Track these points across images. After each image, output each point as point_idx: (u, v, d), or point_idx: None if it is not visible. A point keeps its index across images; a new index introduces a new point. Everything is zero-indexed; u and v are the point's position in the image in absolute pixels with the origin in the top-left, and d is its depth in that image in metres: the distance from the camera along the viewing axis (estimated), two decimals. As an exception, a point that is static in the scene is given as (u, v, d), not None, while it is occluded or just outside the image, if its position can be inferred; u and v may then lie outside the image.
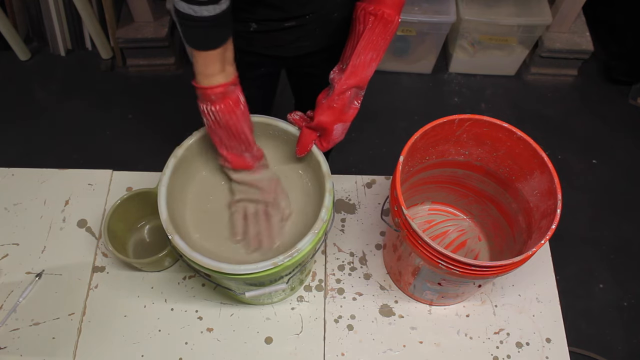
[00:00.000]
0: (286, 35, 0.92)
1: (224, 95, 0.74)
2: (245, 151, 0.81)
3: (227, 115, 0.76)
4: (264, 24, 0.89)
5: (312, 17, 0.89)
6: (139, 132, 1.99)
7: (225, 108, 0.75)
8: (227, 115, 0.76)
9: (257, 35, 0.91)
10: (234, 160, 0.81)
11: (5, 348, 0.93)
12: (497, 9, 1.97)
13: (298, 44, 0.95)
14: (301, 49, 0.97)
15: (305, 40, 0.94)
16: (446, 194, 1.05)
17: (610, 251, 1.78)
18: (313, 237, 0.75)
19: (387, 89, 2.14)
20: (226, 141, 0.79)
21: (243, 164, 0.82)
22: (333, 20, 0.91)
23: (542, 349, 0.95)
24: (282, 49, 0.96)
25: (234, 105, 0.76)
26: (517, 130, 0.83)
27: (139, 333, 0.94)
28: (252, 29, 0.90)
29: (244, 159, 0.82)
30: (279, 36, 0.92)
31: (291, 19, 0.88)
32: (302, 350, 0.93)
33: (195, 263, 0.74)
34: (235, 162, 0.82)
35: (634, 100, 2.13)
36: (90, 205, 1.07)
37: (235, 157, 0.81)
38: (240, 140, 0.79)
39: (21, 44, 2.12)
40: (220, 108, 0.75)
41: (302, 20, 0.89)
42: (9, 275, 1.00)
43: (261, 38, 0.92)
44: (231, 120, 0.76)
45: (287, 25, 0.89)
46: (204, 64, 0.73)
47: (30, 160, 1.90)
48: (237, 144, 0.80)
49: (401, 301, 0.99)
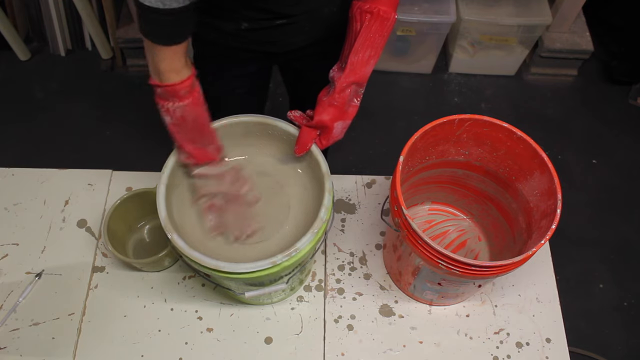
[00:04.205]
0: (277, 32, 0.92)
1: (191, 88, 0.73)
2: (209, 144, 0.81)
3: (195, 108, 0.75)
4: (255, 22, 0.89)
5: (304, 14, 0.89)
6: (139, 132, 1.99)
7: (193, 101, 0.74)
8: (195, 109, 0.75)
9: (248, 33, 0.92)
10: (199, 154, 0.80)
11: (5, 348, 0.93)
12: (497, 9, 1.97)
13: (289, 40, 0.96)
14: (292, 44, 0.97)
15: (296, 36, 0.95)
16: (446, 194, 1.05)
17: (610, 251, 1.78)
18: (312, 236, 0.75)
19: (387, 89, 2.14)
20: (192, 136, 0.78)
21: (208, 157, 0.81)
22: (323, 15, 0.92)
23: (542, 349, 0.94)
24: (274, 45, 0.97)
25: (199, 97, 0.75)
26: (517, 130, 0.83)
27: (139, 333, 0.94)
28: (244, 27, 0.90)
29: (207, 152, 0.81)
30: (270, 33, 0.92)
31: (282, 17, 0.88)
32: (302, 350, 0.93)
33: (194, 262, 0.74)
34: (200, 156, 0.81)
35: (634, 100, 2.13)
36: (90, 205, 1.07)
37: (200, 152, 0.80)
38: (205, 132, 0.79)
39: (21, 44, 2.12)
40: (189, 102, 0.74)
41: (293, 18, 0.89)
42: (9, 275, 1.00)
43: (252, 36, 0.93)
44: (198, 114, 0.76)
45: (278, 22, 0.89)
46: (171, 58, 0.70)
47: (30, 160, 1.90)
48: (201, 137, 0.79)
49: (401, 301, 0.99)
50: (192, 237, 0.82)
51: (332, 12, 0.92)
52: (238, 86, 1.10)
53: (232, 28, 0.91)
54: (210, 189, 0.83)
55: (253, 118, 0.86)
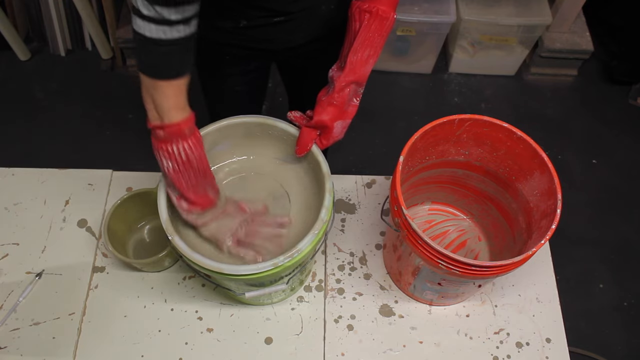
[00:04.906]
0: (275, 30, 0.92)
1: (193, 129, 0.70)
2: (208, 185, 0.76)
3: (198, 149, 0.71)
4: (254, 20, 0.89)
5: (302, 12, 0.90)
6: (139, 132, 1.99)
7: (196, 141, 0.70)
8: (198, 149, 0.71)
9: (247, 31, 0.92)
10: (202, 201, 0.76)
11: (5, 348, 0.93)
12: (497, 9, 1.97)
13: (287, 37, 0.96)
14: (290, 42, 0.97)
15: (294, 34, 0.95)
16: (446, 194, 1.05)
17: (610, 251, 1.78)
18: (313, 237, 0.75)
19: (387, 89, 2.14)
20: (195, 181, 0.73)
21: (209, 202, 0.78)
22: (320, 13, 0.92)
23: (542, 349, 0.95)
24: (272, 42, 0.97)
25: (200, 137, 0.72)
26: (517, 130, 0.83)
27: (139, 333, 0.94)
28: (242, 25, 0.90)
29: (208, 196, 0.78)
30: (269, 31, 0.92)
31: (281, 14, 0.89)
32: (302, 350, 0.93)
33: (195, 264, 0.74)
34: (203, 202, 0.77)
35: (634, 100, 2.13)
36: (90, 205, 1.07)
37: (202, 198, 0.76)
38: (206, 174, 0.75)
39: (21, 44, 2.12)
40: (193, 142, 0.70)
41: (291, 15, 0.89)
42: (9, 275, 1.00)
43: (251, 33, 0.93)
44: (201, 154, 0.72)
45: (277, 20, 0.90)
46: (175, 95, 0.67)
47: (30, 160, 1.90)
48: (203, 179, 0.75)
49: (401, 301, 0.99)
50: (192, 238, 0.82)
51: (329, 10, 0.92)
52: (235, 84, 1.10)
53: (231, 26, 0.91)
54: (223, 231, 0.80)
55: (253, 119, 0.86)
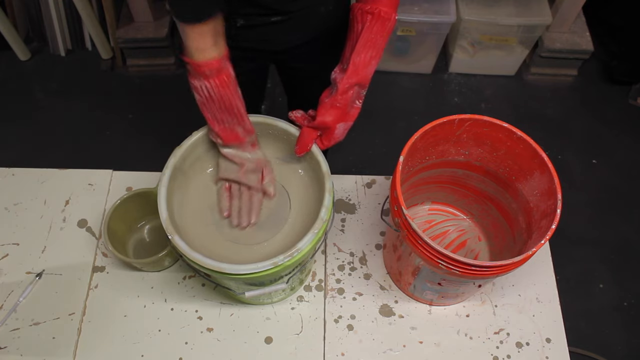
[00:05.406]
0: (273, 30, 0.93)
1: (218, 70, 0.73)
2: (237, 125, 0.80)
3: (221, 90, 0.74)
4: (251, 18, 0.89)
5: (300, 12, 0.90)
6: (139, 132, 1.99)
7: (220, 83, 0.74)
8: (222, 91, 0.74)
9: (244, 31, 0.92)
10: (225, 135, 0.80)
11: (5, 348, 0.93)
12: (497, 9, 1.97)
13: (285, 37, 0.96)
14: (288, 42, 0.97)
15: (291, 34, 0.95)
16: (446, 194, 1.05)
17: (610, 251, 1.78)
18: (313, 236, 0.75)
19: (387, 89, 2.14)
20: (218, 116, 0.78)
21: (234, 138, 0.81)
22: (318, 13, 0.92)
23: (542, 349, 0.95)
24: (270, 42, 0.97)
25: (227, 80, 0.75)
26: (517, 130, 0.83)
27: (139, 333, 0.94)
28: (239, 25, 0.90)
29: (235, 133, 0.81)
30: (266, 31, 0.93)
31: (278, 14, 0.89)
32: (302, 350, 0.93)
33: (195, 263, 0.74)
34: (226, 137, 0.81)
35: (634, 100, 2.13)
36: (90, 205, 1.07)
37: (226, 132, 0.80)
38: (233, 114, 0.78)
39: (21, 44, 2.12)
40: (215, 84, 0.73)
41: (289, 15, 0.89)
42: (9, 275, 1.00)
43: (248, 33, 0.93)
44: (225, 96, 0.75)
45: (274, 20, 0.90)
46: (196, 37, 0.71)
47: (30, 160, 1.90)
48: (230, 118, 0.79)
49: (401, 301, 0.99)
50: (193, 238, 0.82)
51: (327, 11, 0.92)
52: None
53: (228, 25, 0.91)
54: (230, 175, 0.84)
55: (253, 118, 0.86)
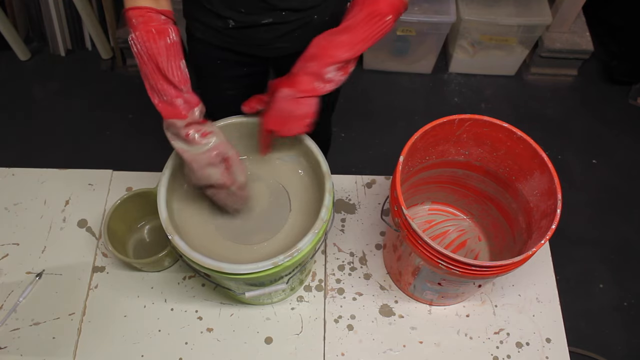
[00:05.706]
0: (264, 34, 0.92)
1: (146, 21, 0.69)
2: (176, 95, 0.73)
3: (147, 43, 0.68)
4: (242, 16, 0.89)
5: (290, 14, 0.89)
6: (139, 132, 1.99)
7: (145, 35, 0.68)
8: (148, 44, 0.68)
9: (235, 33, 0.92)
10: (164, 108, 0.73)
11: (5, 348, 0.93)
12: (497, 9, 1.97)
13: (277, 44, 0.96)
14: (281, 50, 0.97)
15: (284, 42, 0.95)
16: (446, 194, 1.05)
17: (610, 251, 1.78)
18: (313, 237, 0.75)
19: (387, 89, 2.14)
20: (153, 83, 0.71)
21: (174, 113, 0.73)
22: (313, 22, 0.92)
23: (542, 349, 0.94)
24: (262, 48, 0.97)
25: (157, 33, 0.69)
26: (517, 130, 0.83)
27: (139, 333, 0.94)
28: (231, 26, 0.90)
29: (175, 106, 0.73)
30: (257, 34, 0.92)
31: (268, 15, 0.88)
32: (302, 350, 0.93)
33: (195, 263, 0.74)
34: (165, 110, 0.73)
35: (634, 100, 2.13)
36: (90, 205, 1.07)
37: (165, 105, 0.73)
38: (167, 79, 0.71)
39: (21, 44, 2.12)
40: (141, 34, 0.68)
41: (279, 17, 0.89)
42: (9, 275, 1.00)
43: (240, 36, 0.93)
44: (151, 50, 0.69)
45: (265, 22, 0.89)
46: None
47: (30, 160, 1.90)
48: (165, 85, 0.71)
49: (401, 301, 0.99)
50: (193, 238, 0.82)
51: (323, 21, 0.92)
52: (229, 87, 1.10)
53: (220, 25, 0.91)
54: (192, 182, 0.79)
55: (252, 119, 0.86)
